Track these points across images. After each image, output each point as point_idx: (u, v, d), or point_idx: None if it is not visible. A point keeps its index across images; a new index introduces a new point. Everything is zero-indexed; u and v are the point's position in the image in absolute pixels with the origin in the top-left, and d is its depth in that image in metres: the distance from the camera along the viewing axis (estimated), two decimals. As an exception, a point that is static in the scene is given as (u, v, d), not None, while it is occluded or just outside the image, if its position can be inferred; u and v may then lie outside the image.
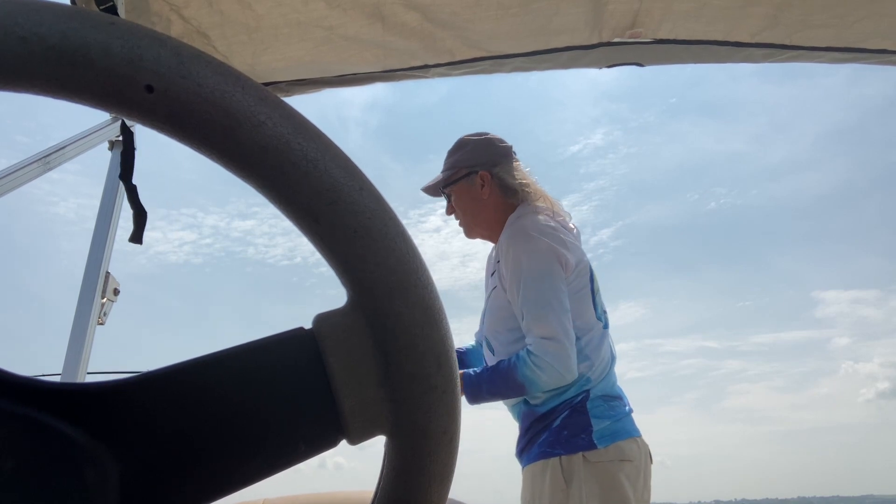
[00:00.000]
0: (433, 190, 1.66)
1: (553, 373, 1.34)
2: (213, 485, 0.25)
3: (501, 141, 1.65)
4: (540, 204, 1.57)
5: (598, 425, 1.36)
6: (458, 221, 1.67)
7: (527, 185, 1.59)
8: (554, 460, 1.35)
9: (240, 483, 0.26)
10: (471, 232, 1.66)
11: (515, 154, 1.67)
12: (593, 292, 1.50)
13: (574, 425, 1.37)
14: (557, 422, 1.39)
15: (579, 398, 1.40)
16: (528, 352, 1.37)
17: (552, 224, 1.48)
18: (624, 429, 1.39)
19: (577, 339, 1.42)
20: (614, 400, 1.43)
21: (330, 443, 0.27)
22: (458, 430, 0.29)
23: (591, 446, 1.34)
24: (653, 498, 1.47)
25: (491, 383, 1.40)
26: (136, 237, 1.20)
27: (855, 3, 1.32)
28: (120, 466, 0.24)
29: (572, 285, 1.44)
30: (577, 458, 1.34)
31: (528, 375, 1.35)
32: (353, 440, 0.28)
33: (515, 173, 1.59)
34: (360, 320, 0.27)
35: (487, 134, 1.66)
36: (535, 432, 1.42)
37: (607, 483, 1.32)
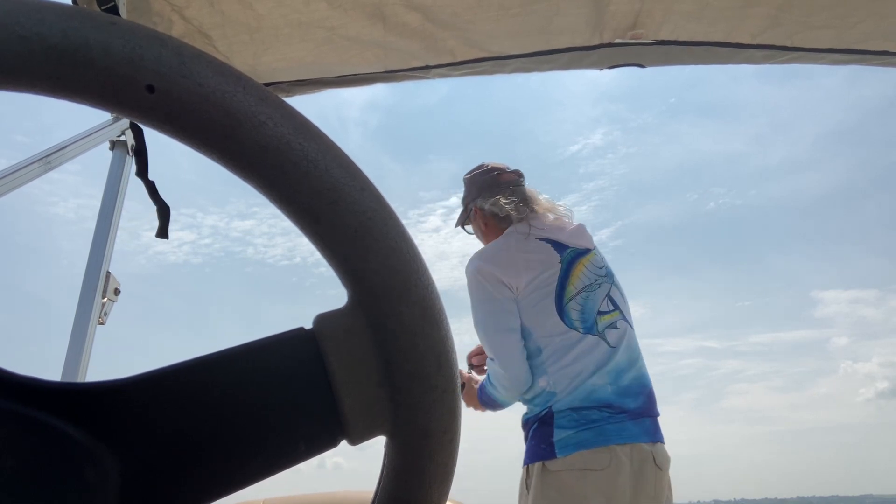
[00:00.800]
0: (460, 226, 1.88)
1: (500, 388, 1.49)
2: (213, 485, 0.25)
3: (488, 171, 1.78)
4: (522, 223, 1.64)
5: (559, 435, 1.38)
6: None
7: (505, 206, 1.67)
8: (524, 469, 1.45)
9: (240, 483, 0.26)
10: None
11: (510, 175, 1.75)
12: (562, 300, 1.49)
13: (539, 436, 1.42)
14: (530, 432, 1.46)
15: (544, 412, 1.43)
16: (488, 372, 1.55)
17: (506, 246, 1.57)
18: (598, 437, 1.35)
19: (540, 352, 1.47)
20: (595, 409, 1.39)
21: (330, 443, 0.27)
22: (459, 430, 0.29)
23: (550, 455, 1.37)
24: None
25: (480, 397, 1.59)
26: (163, 232, 1.20)
27: (856, 5, 1.32)
28: (120, 466, 0.24)
29: (527, 300, 1.49)
30: (538, 466, 1.39)
31: (489, 391, 1.54)
32: (354, 440, 0.28)
33: (491, 199, 1.71)
34: (360, 320, 0.27)
35: (480, 167, 1.82)
36: (524, 439, 1.51)
37: (564, 492, 1.33)
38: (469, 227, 1.84)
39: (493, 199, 1.70)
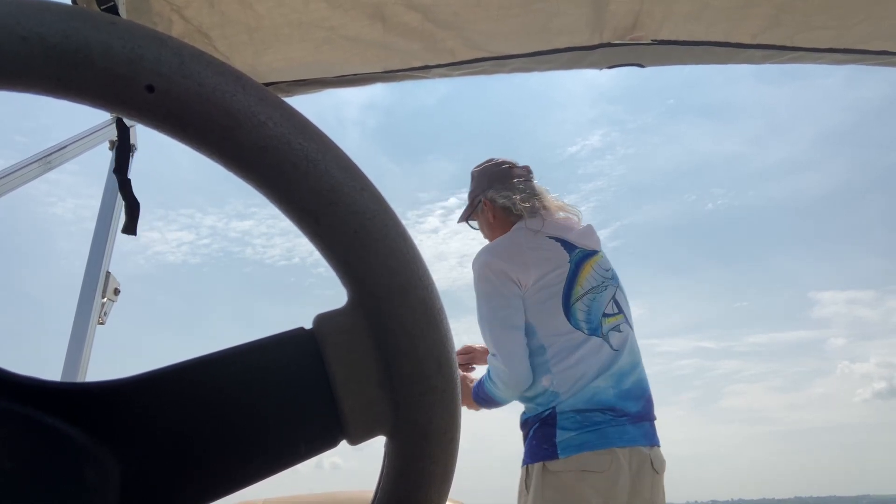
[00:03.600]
0: (463, 221, 1.86)
1: (501, 386, 1.47)
2: (213, 485, 0.25)
3: (500, 164, 1.76)
4: (533, 217, 1.62)
5: (561, 436, 1.38)
6: None
7: (517, 200, 1.65)
8: (523, 468, 1.44)
9: (240, 483, 0.26)
10: None
11: (520, 169, 1.74)
12: (569, 300, 1.49)
13: (541, 436, 1.42)
14: (531, 432, 1.45)
15: (547, 413, 1.42)
16: (488, 367, 1.53)
17: (517, 241, 1.55)
18: (599, 440, 1.36)
19: (544, 350, 1.46)
20: (598, 411, 1.39)
21: (330, 443, 0.27)
22: (459, 430, 0.29)
23: (552, 456, 1.37)
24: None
25: (477, 394, 1.56)
26: (130, 228, 1.20)
27: (856, 5, 1.32)
28: (120, 466, 0.24)
29: (534, 298, 1.48)
30: (538, 466, 1.39)
31: (488, 388, 1.51)
32: (354, 440, 0.28)
33: (505, 192, 1.68)
34: (360, 321, 0.27)
35: (490, 160, 1.79)
36: (523, 439, 1.51)
37: (565, 493, 1.33)
38: (474, 222, 1.81)
39: (506, 192, 1.68)
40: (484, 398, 1.55)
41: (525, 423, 1.50)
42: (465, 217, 1.82)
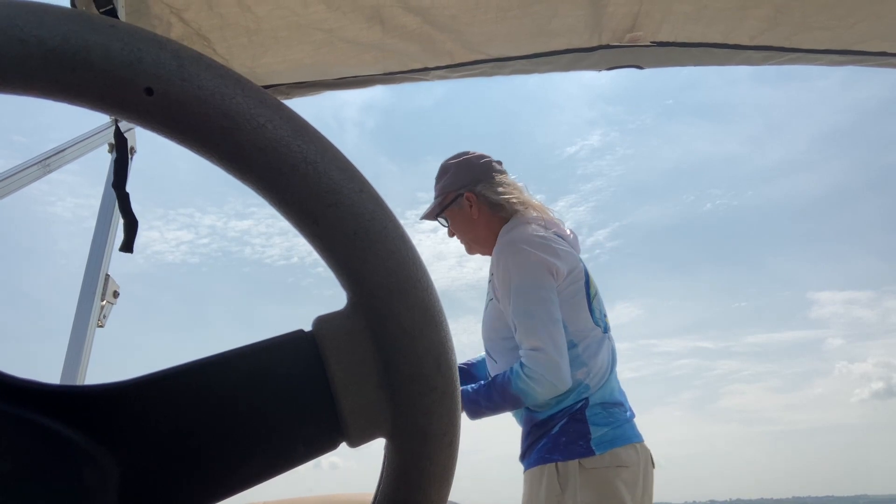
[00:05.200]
0: (430, 217, 1.71)
1: (545, 383, 1.36)
2: (212, 487, 0.25)
3: (480, 158, 1.68)
4: (532, 213, 1.58)
5: (596, 433, 1.37)
6: (459, 241, 1.72)
7: (511, 197, 1.60)
8: (551, 466, 1.37)
9: (239, 485, 0.26)
10: (470, 250, 1.71)
11: (499, 165, 1.68)
12: (589, 297, 1.50)
13: (572, 432, 1.38)
14: (556, 428, 1.40)
15: (578, 406, 1.41)
16: (521, 364, 1.39)
17: (542, 234, 1.50)
18: (624, 435, 1.39)
19: (574, 345, 1.43)
20: (614, 406, 1.43)
21: (330, 445, 0.27)
22: (458, 432, 0.29)
23: (588, 453, 1.35)
24: (648, 498, 1.47)
25: (489, 399, 1.42)
26: (127, 246, 1.20)
27: (854, 6, 1.32)
28: (120, 469, 0.24)
29: (565, 293, 1.46)
30: (574, 464, 1.35)
31: (522, 388, 1.38)
32: (353, 442, 0.28)
33: (499, 188, 1.61)
34: (359, 322, 0.27)
35: (467, 153, 1.70)
36: (536, 438, 1.44)
37: (603, 489, 1.33)
38: (443, 219, 1.69)
39: (497, 187, 1.60)
40: (498, 404, 1.42)
41: (545, 422, 1.42)
42: (439, 212, 1.68)
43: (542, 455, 1.40)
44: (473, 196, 1.62)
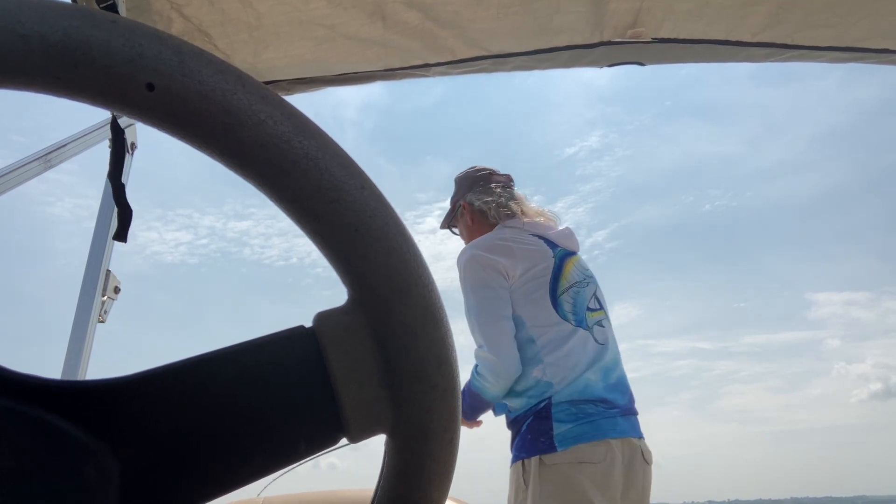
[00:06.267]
0: (443, 226, 1.90)
1: (489, 376, 1.45)
2: (213, 483, 0.25)
3: (481, 170, 1.81)
4: (511, 221, 1.66)
5: (559, 429, 1.38)
6: None
7: (492, 202, 1.68)
8: (518, 464, 1.43)
9: (240, 481, 0.26)
10: None
11: (502, 177, 1.78)
12: (555, 292, 1.52)
13: (536, 430, 1.41)
14: (524, 427, 1.45)
15: (542, 404, 1.43)
16: (475, 363, 1.51)
17: (503, 236, 1.58)
18: (595, 431, 1.38)
19: (532, 341, 1.47)
20: (591, 403, 1.42)
21: (330, 441, 0.27)
22: (459, 429, 0.29)
23: (549, 449, 1.37)
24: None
25: (462, 399, 1.50)
26: (121, 235, 1.20)
27: (856, 3, 1.31)
28: (120, 464, 0.24)
29: (522, 290, 1.50)
30: (535, 460, 1.38)
31: (476, 385, 1.49)
32: (354, 439, 0.28)
33: (485, 196, 1.71)
34: (360, 319, 0.27)
35: (473, 167, 1.84)
36: (512, 437, 1.50)
37: (563, 485, 1.34)
38: (455, 229, 1.85)
39: (483, 195, 1.72)
40: (471, 403, 1.52)
41: (516, 420, 1.49)
42: (447, 222, 1.86)
43: (514, 453, 1.45)
44: (466, 205, 1.76)
